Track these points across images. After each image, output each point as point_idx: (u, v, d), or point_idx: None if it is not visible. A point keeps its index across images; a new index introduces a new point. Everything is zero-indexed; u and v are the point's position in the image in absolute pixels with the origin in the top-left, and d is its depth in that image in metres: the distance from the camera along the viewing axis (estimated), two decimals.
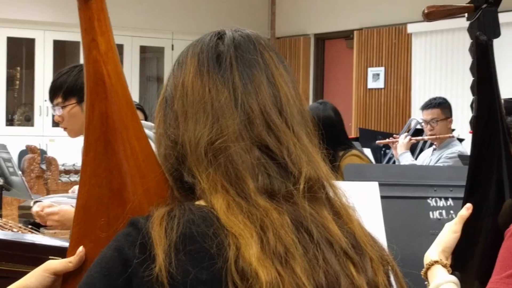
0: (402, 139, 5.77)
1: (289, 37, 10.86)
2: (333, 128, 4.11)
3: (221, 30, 1.30)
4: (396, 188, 2.40)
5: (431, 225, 2.05)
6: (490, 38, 1.85)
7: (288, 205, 1.16)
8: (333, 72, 10.48)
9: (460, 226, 1.88)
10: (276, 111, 1.21)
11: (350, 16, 9.71)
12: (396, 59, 9.08)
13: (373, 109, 9.42)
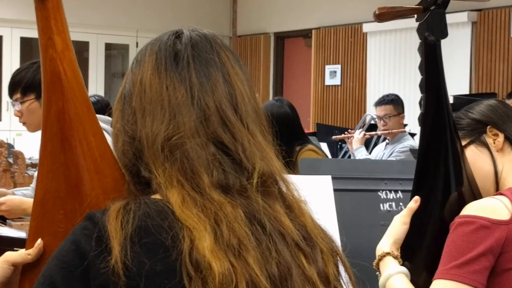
0: (357, 134, 5.87)
1: (250, 35, 10.90)
2: (289, 124, 4.16)
3: (179, 29, 1.32)
4: (349, 181, 2.46)
5: (381, 217, 2.11)
6: (438, 39, 1.89)
7: (241, 199, 1.19)
8: (292, 69, 10.55)
9: (409, 218, 1.94)
10: (231, 108, 1.24)
11: (309, 16, 9.78)
12: (352, 57, 9.18)
13: (330, 105, 9.51)
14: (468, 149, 2.03)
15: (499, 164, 2.00)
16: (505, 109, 2.06)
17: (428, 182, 1.94)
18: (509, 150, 2.01)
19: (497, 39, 7.55)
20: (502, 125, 2.02)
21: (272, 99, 4.50)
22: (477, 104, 2.12)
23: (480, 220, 1.77)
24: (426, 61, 1.91)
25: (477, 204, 1.83)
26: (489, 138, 2.03)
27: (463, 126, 2.07)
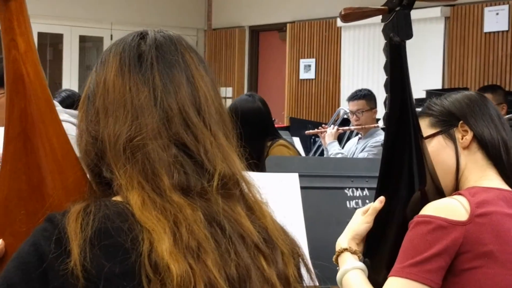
0: (330, 129, 5.90)
1: (225, 28, 10.89)
2: (262, 119, 4.17)
3: (144, 30, 1.32)
4: (315, 179, 2.48)
5: (348, 214, 2.12)
6: (403, 39, 1.90)
7: (202, 201, 1.19)
8: (267, 63, 10.55)
9: (372, 217, 1.96)
10: (194, 110, 1.24)
11: (283, 10, 9.79)
12: (326, 51, 9.21)
13: (305, 98, 9.54)
14: (435, 139, 2.02)
15: (462, 161, 1.99)
16: (482, 105, 2.02)
17: (392, 182, 1.96)
18: (475, 149, 1.99)
19: (470, 34, 7.61)
20: (474, 123, 1.99)
21: (244, 94, 4.52)
22: (455, 93, 2.09)
23: (437, 220, 1.78)
24: (391, 61, 1.93)
25: (436, 204, 1.84)
26: (459, 133, 2.00)
27: (435, 114, 2.04)
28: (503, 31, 7.34)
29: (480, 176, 1.96)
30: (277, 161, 2.52)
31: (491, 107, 2.05)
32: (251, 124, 4.09)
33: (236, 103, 4.28)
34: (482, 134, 1.98)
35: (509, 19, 7.28)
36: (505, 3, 7.34)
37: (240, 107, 4.16)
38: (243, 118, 4.52)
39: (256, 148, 4.06)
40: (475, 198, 1.83)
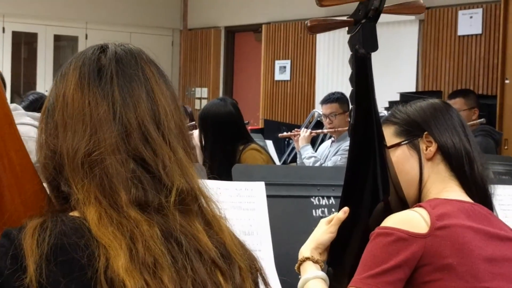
0: (303, 132, 5.90)
1: (201, 29, 10.89)
2: (234, 123, 4.18)
3: (105, 44, 1.32)
4: (282, 187, 2.48)
5: (314, 223, 2.12)
6: (368, 52, 1.89)
7: (159, 217, 1.20)
8: (242, 63, 10.56)
9: (336, 227, 1.96)
10: (153, 124, 1.24)
11: (259, 11, 9.81)
12: (301, 52, 9.23)
13: (280, 100, 9.56)
14: (400, 148, 2.02)
15: (425, 173, 1.99)
16: (446, 115, 2.02)
17: (357, 192, 1.96)
18: (438, 161, 1.99)
19: (444, 37, 7.66)
20: (439, 134, 1.99)
21: (215, 99, 4.52)
22: (420, 101, 2.08)
23: (398, 232, 1.78)
24: (356, 73, 1.93)
25: (397, 216, 1.84)
26: (423, 144, 2.00)
27: (400, 123, 2.04)
28: (476, 35, 7.40)
29: (442, 188, 1.97)
30: (243, 170, 2.51)
31: (455, 116, 2.04)
32: (223, 128, 4.10)
33: (208, 107, 4.29)
34: (446, 145, 1.98)
35: (482, 23, 7.33)
36: (478, 7, 7.39)
37: (212, 112, 4.17)
38: (214, 123, 4.53)
39: (228, 152, 4.07)
40: (436, 211, 1.83)
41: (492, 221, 1.93)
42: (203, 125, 4.21)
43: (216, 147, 4.08)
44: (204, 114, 4.23)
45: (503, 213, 2.89)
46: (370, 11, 1.83)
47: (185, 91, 11.12)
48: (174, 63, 11.22)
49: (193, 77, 11.02)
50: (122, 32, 10.69)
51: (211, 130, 4.13)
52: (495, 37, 7.17)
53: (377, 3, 1.81)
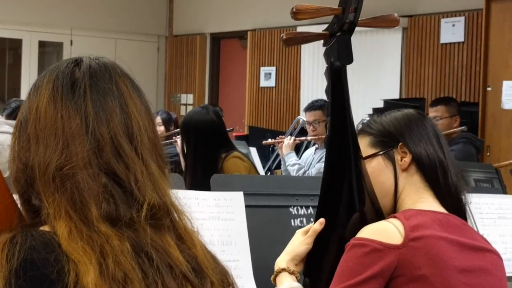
0: (287, 139, 5.92)
1: (186, 35, 10.90)
2: (216, 131, 4.19)
3: (79, 57, 1.32)
4: (260, 197, 2.49)
5: (292, 233, 2.14)
6: (343, 64, 1.91)
7: (130, 232, 1.20)
8: (228, 70, 10.58)
9: (312, 238, 1.97)
10: (126, 139, 1.25)
11: (244, 18, 9.83)
12: (286, 59, 9.25)
13: (265, 106, 9.58)
14: (375, 159, 2.03)
15: (400, 183, 2.00)
16: (421, 126, 2.03)
17: (333, 203, 1.97)
18: (413, 171, 2.00)
19: (427, 45, 7.70)
20: (413, 145, 2.00)
21: (197, 107, 4.53)
22: (395, 112, 2.09)
23: (372, 243, 1.80)
24: (332, 85, 1.94)
25: (371, 227, 1.86)
26: (398, 155, 2.01)
27: (375, 134, 2.05)
28: (459, 42, 7.45)
29: (416, 198, 1.98)
30: (222, 180, 2.52)
31: (430, 126, 2.05)
32: (205, 137, 4.11)
33: (190, 115, 4.30)
34: (420, 156, 1.99)
35: (465, 31, 7.38)
36: (461, 15, 7.44)
37: (194, 120, 4.18)
38: (196, 131, 4.53)
39: (210, 160, 4.08)
40: (410, 222, 1.85)
41: (466, 232, 1.95)
42: (185, 133, 4.22)
43: (198, 155, 4.09)
44: (186, 122, 4.24)
45: (482, 221, 2.91)
46: (345, 24, 1.85)
47: (170, 98, 11.12)
48: (159, 70, 11.22)
49: (179, 83, 11.02)
50: (108, 38, 10.68)
51: (193, 138, 4.14)
52: (477, 45, 7.22)
53: (351, 17, 1.83)
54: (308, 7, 1.82)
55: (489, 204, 2.98)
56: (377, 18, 1.93)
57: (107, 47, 10.60)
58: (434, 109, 5.71)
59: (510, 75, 6.46)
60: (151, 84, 11.02)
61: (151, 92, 10.98)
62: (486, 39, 6.62)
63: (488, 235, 2.83)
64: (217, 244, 2.39)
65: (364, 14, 1.86)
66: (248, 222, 2.41)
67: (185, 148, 4.18)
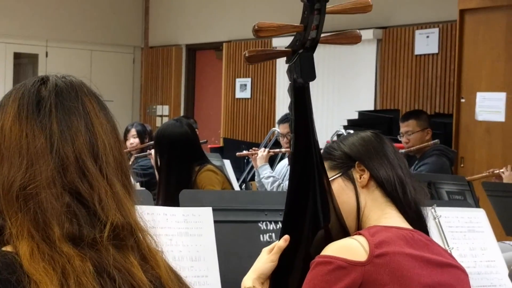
0: (261, 151, 5.93)
1: (162, 46, 10.90)
2: (189, 143, 4.19)
3: (45, 76, 1.31)
4: (229, 212, 2.48)
5: (261, 248, 2.14)
6: (306, 81, 1.92)
7: (92, 252, 1.19)
8: (204, 81, 10.58)
9: (277, 256, 1.97)
10: (91, 158, 1.24)
11: (220, 29, 9.84)
12: (262, 71, 9.27)
13: (241, 117, 9.58)
14: (336, 181, 2.07)
15: (362, 200, 2.03)
16: (377, 145, 2.09)
17: (297, 220, 1.97)
18: (373, 188, 2.04)
19: (401, 56, 7.74)
20: (370, 163, 2.05)
21: (171, 120, 4.53)
22: (352, 135, 2.16)
23: (337, 261, 1.81)
24: (295, 102, 1.95)
25: (336, 244, 1.87)
26: (356, 174, 2.06)
27: (334, 158, 2.11)
28: (433, 54, 7.49)
29: (380, 214, 2.01)
30: (191, 195, 2.51)
31: (386, 145, 2.11)
32: (179, 149, 4.11)
33: (163, 128, 4.30)
34: (378, 172, 2.04)
35: (439, 42, 7.43)
36: (435, 26, 7.49)
37: (167, 132, 4.18)
38: (170, 143, 4.51)
39: (184, 173, 4.07)
40: (375, 238, 1.86)
41: (431, 248, 1.96)
42: (159, 146, 4.21)
43: (172, 168, 4.08)
44: (159, 135, 4.24)
45: (451, 235, 2.92)
46: (307, 41, 1.85)
47: (146, 109, 11.10)
48: (135, 81, 11.20)
49: (154, 94, 11.01)
50: (83, 50, 10.65)
51: (167, 151, 4.13)
52: (451, 56, 7.26)
53: (313, 34, 1.83)
54: (270, 25, 1.81)
55: (459, 217, 2.99)
56: (339, 35, 1.93)
57: (82, 58, 10.57)
58: (405, 124, 5.74)
59: (483, 87, 6.50)
60: (127, 96, 11.00)
61: (127, 104, 10.96)
62: (460, 51, 6.67)
63: (457, 248, 2.84)
64: (186, 260, 2.38)
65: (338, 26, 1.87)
66: (217, 237, 2.40)
67: (158, 161, 4.16)
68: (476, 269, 2.82)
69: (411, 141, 5.62)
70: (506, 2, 6.33)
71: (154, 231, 1.33)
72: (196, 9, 10.24)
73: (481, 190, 4.71)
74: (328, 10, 1.85)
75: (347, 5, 1.91)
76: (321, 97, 8.02)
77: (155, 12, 11.00)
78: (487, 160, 6.33)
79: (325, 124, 7.71)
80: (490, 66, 6.44)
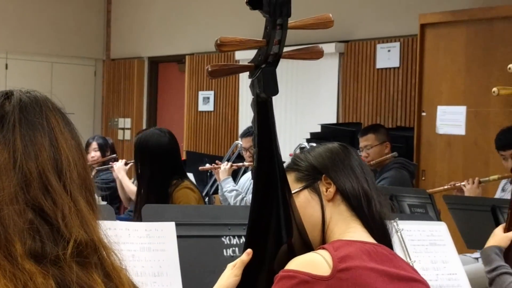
0: (224, 165, 5.92)
1: (124, 59, 10.85)
2: (171, 155, 4.11)
3: (10, 90, 1.30)
4: (192, 227, 2.48)
5: (225, 263, 2.13)
6: (269, 96, 1.93)
7: (55, 269, 1.18)
8: (166, 94, 10.55)
9: (241, 270, 1.97)
10: (55, 174, 1.23)
11: (183, 42, 9.83)
12: (225, 83, 9.26)
13: (204, 130, 9.57)
14: (301, 194, 2.06)
15: (327, 214, 2.03)
16: (344, 157, 2.08)
17: (261, 234, 1.98)
18: (339, 201, 2.04)
19: (363, 70, 7.80)
20: (336, 176, 2.05)
21: (153, 129, 4.39)
22: (319, 147, 2.15)
23: (301, 275, 1.81)
24: (258, 117, 1.95)
25: (300, 259, 1.87)
26: (323, 186, 2.05)
27: (301, 169, 2.10)
28: (394, 68, 7.56)
29: (344, 228, 2.00)
30: (153, 210, 2.50)
31: (353, 158, 2.10)
32: (163, 160, 4.01)
33: (146, 138, 4.14)
34: (344, 186, 2.04)
35: (400, 56, 7.50)
36: (396, 41, 7.56)
37: (152, 142, 4.05)
38: (155, 154, 4.34)
39: (166, 185, 3.98)
40: (338, 253, 1.86)
41: (395, 262, 1.96)
42: (141, 156, 4.08)
43: (155, 180, 3.98)
44: (142, 145, 4.10)
45: (413, 248, 2.94)
46: (269, 56, 1.86)
47: (108, 122, 11.03)
48: (97, 94, 11.12)
49: (116, 107, 10.94)
50: (44, 62, 10.56)
51: (150, 161, 4.01)
52: (412, 70, 7.34)
53: (276, 48, 1.84)
54: (232, 40, 1.82)
55: (420, 231, 3.01)
56: (301, 50, 1.94)
57: (43, 71, 10.48)
58: (364, 138, 5.80)
59: (444, 100, 6.57)
60: (88, 108, 10.92)
61: (88, 117, 10.88)
62: (421, 65, 6.74)
63: (419, 261, 2.86)
64: (149, 275, 2.37)
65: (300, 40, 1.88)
66: (180, 252, 2.40)
67: (139, 170, 4.04)
68: (438, 282, 2.84)
69: (370, 155, 5.68)
70: (466, 17, 6.42)
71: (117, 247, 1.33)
72: (159, 21, 10.22)
73: (442, 203, 4.75)
74: (290, 25, 1.85)
75: (309, 21, 1.92)
76: (284, 111, 8.05)
77: (117, 25, 10.95)
78: (448, 173, 6.39)
79: (288, 137, 7.74)
80: (451, 80, 6.52)
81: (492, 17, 6.25)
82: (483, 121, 6.27)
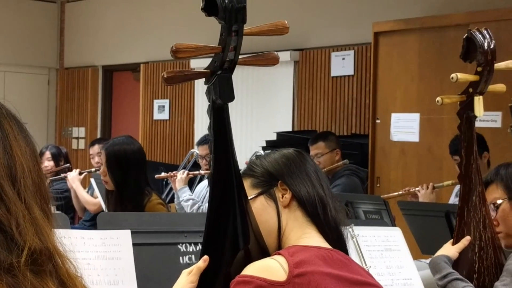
0: (180, 174, 5.90)
1: (78, 68, 10.76)
2: (142, 163, 4.08)
3: None
4: (148, 235, 2.47)
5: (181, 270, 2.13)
6: (225, 102, 1.94)
7: (9, 277, 1.17)
8: (121, 103, 10.49)
9: (197, 277, 1.97)
10: (9, 181, 1.22)
11: (137, 50, 9.79)
12: (180, 92, 9.24)
13: (159, 139, 9.53)
14: (257, 200, 2.07)
15: (283, 220, 2.04)
16: (299, 163, 2.09)
17: (217, 241, 1.98)
18: (295, 207, 2.05)
19: (318, 78, 7.84)
20: (292, 182, 2.06)
21: (122, 136, 4.26)
22: (274, 152, 2.16)
23: (257, 281, 1.81)
24: (214, 123, 1.96)
25: (256, 264, 1.87)
26: (279, 193, 2.07)
27: (257, 175, 2.10)
28: (349, 76, 7.61)
29: (300, 234, 2.02)
30: (108, 218, 2.49)
31: (308, 164, 2.12)
32: (136, 168, 3.95)
33: (122, 146, 4.04)
34: (300, 192, 2.05)
35: (354, 64, 7.56)
36: (350, 49, 7.62)
37: (130, 150, 3.95)
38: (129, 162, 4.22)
39: (141, 194, 3.92)
40: (294, 258, 1.87)
41: (350, 267, 1.98)
42: (119, 164, 3.99)
43: (134, 187, 3.92)
44: (121, 152, 4.01)
45: (369, 253, 2.96)
46: (225, 62, 1.86)
47: (61, 131, 10.93)
48: (50, 103, 11.01)
49: (70, 116, 10.84)
50: None
51: (128, 169, 3.93)
52: (366, 78, 7.40)
53: (231, 55, 1.85)
54: (188, 46, 1.82)
55: (376, 236, 3.04)
56: (257, 56, 1.95)
57: None
58: (314, 147, 5.83)
59: (398, 108, 6.64)
60: (42, 118, 10.80)
61: (42, 126, 10.76)
62: (375, 73, 6.80)
63: (375, 267, 2.88)
64: (104, 284, 2.35)
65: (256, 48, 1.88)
66: (136, 260, 2.39)
67: (114, 178, 3.98)
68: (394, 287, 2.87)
69: (321, 163, 5.72)
70: (419, 25, 6.50)
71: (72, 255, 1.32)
72: (113, 30, 10.17)
73: (397, 209, 4.79)
74: (245, 31, 1.86)
75: (264, 27, 1.94)
76: (240, 118, 8.06)
77: (70, 33, 10.86)
78: (402, 180, 6.45)
79: (244, 145, 7.74)
80: (404, 88, 6.59)
81: (444, 25, 6.33)
82: (436, 128, 6.34)
